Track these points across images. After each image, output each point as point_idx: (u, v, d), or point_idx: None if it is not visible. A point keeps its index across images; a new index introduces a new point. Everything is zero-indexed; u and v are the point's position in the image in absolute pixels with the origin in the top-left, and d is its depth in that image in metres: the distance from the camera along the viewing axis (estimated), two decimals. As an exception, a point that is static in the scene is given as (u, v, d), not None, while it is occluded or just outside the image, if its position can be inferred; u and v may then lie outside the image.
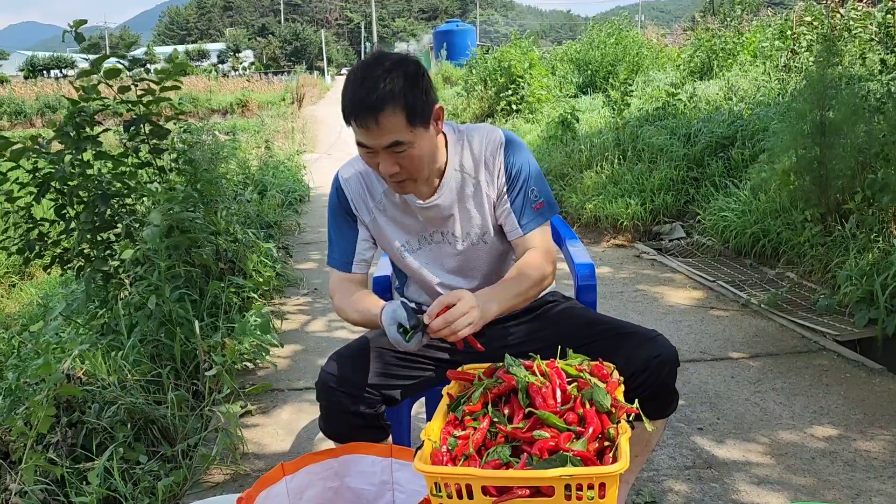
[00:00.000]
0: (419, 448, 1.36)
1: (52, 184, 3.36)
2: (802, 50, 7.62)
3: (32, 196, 3.37)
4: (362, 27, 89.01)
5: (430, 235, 1.81)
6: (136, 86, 3.62)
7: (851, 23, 7.15)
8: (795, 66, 7.38)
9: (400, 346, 1.56)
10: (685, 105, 7.43)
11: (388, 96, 1.51)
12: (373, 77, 1.52)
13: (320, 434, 1.82)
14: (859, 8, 7.69)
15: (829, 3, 8.16)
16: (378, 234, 1.84)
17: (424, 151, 1.62)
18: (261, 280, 4.11)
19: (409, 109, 1.54)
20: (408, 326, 1.54)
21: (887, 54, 5.63)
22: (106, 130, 3.72)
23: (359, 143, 1.59)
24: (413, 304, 1.66)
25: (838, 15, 7.42)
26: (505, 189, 1.76)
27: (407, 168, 1.61)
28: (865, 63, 5.41)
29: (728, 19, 11.93)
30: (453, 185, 1.76)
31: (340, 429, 1.68)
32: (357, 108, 1.53)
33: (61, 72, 50.66)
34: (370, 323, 1.70)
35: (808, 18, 8.44)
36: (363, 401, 1.64)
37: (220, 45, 77.71)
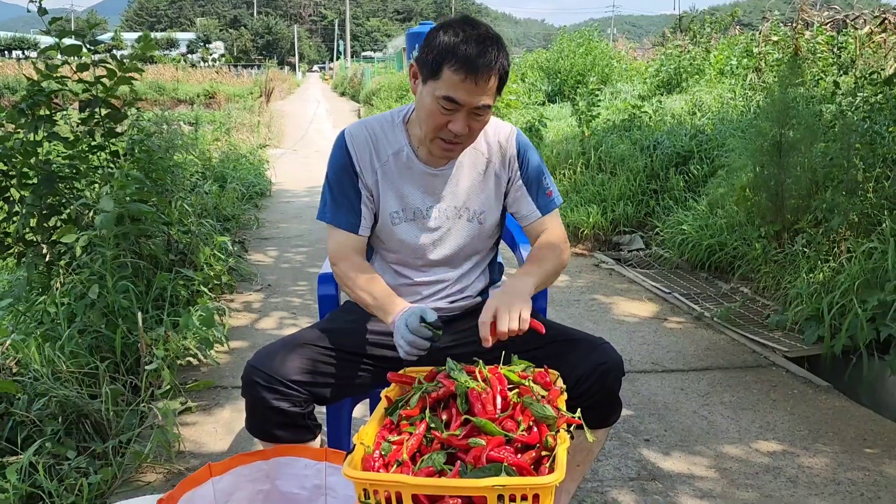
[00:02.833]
0: (351, 452, 1.31)
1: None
2: (767, 69, 7.74)
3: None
4: (336, 24, 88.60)
5: (427, 210, 1.78)
6: (96, 66, 3.51)
7: (817, 45, 7.29)
8: (760, 85, 7.49)
9: (414, 343, 1.54)
10: (650, 118, 7.49)
11: (499, 60, 1.60)
12: (489, 39, 1.60)
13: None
14: (824, 31, 7.85)
15: (795, 25, 8.33)
16: (375, 197, 1.80)
17: (488, 121, 1.72)
18: (211, 274, 4.00)
19: (501, 81, 1.64)
20: (433, 328, 1.55)
21: (841, 76, 5.74)
22: (61, 110, 3.59)
23: (445, 97, 1.59)
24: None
25: (804, 37, 7.56)
26: (518, 174, 1.83)
27: (472, 132, 1.67)
28: (819, 84, 5.50)
29: (697, 37, 12.11)
30: (466, 160, 1.80)
31: (262, 426, 1.61)
32: (478, 64, 1.57)
33: (23, 53, 49.33)
34: (378, 310, 1.67)
35: (775, 38, 8.61)
36: (287, 397, 1.58)
37: (190, 35, 76.75)
